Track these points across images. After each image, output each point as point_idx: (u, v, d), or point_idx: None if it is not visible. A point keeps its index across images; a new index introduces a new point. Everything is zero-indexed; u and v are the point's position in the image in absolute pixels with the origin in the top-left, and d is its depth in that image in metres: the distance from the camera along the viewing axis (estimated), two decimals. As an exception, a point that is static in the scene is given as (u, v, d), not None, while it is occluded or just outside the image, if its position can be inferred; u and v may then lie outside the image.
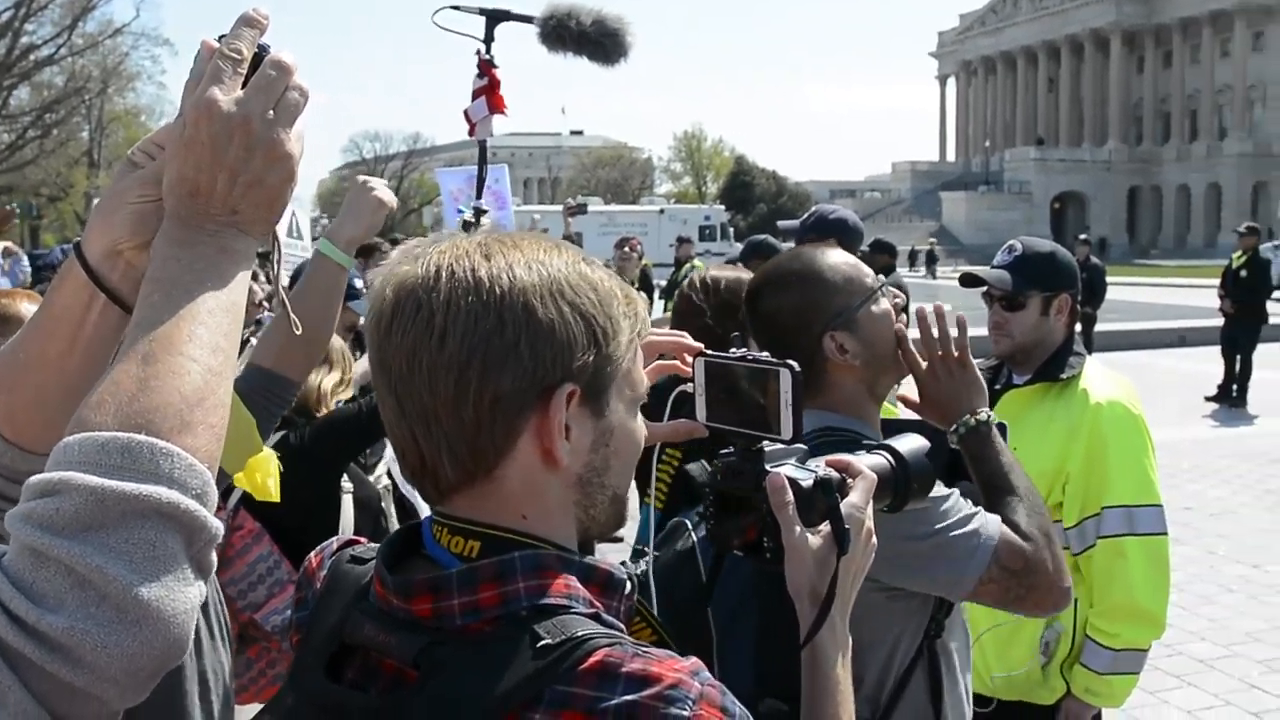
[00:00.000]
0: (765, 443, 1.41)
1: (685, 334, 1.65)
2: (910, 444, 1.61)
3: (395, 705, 1.06)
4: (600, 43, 3.21)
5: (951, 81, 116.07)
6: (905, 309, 2.19)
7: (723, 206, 59.04)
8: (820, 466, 1.41)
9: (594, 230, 39.21)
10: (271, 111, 1.11)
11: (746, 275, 3.10)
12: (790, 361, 1.37)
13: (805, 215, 5.06)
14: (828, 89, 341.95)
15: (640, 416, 1.23)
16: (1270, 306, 15.46)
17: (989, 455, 2.03)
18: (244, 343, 2.95)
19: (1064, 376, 2.99)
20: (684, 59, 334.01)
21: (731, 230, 48.65)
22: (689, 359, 1.56)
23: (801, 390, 1.36)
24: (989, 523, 1.91)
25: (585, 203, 14.52)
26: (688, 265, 14.34)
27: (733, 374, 1.43)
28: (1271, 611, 6.98)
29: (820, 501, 1.35)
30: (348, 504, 3.52)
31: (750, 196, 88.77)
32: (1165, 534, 2.97)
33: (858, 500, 1.38)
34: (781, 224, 5.43)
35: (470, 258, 1.12)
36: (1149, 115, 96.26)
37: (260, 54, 1.14)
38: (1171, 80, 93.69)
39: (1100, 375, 3.07)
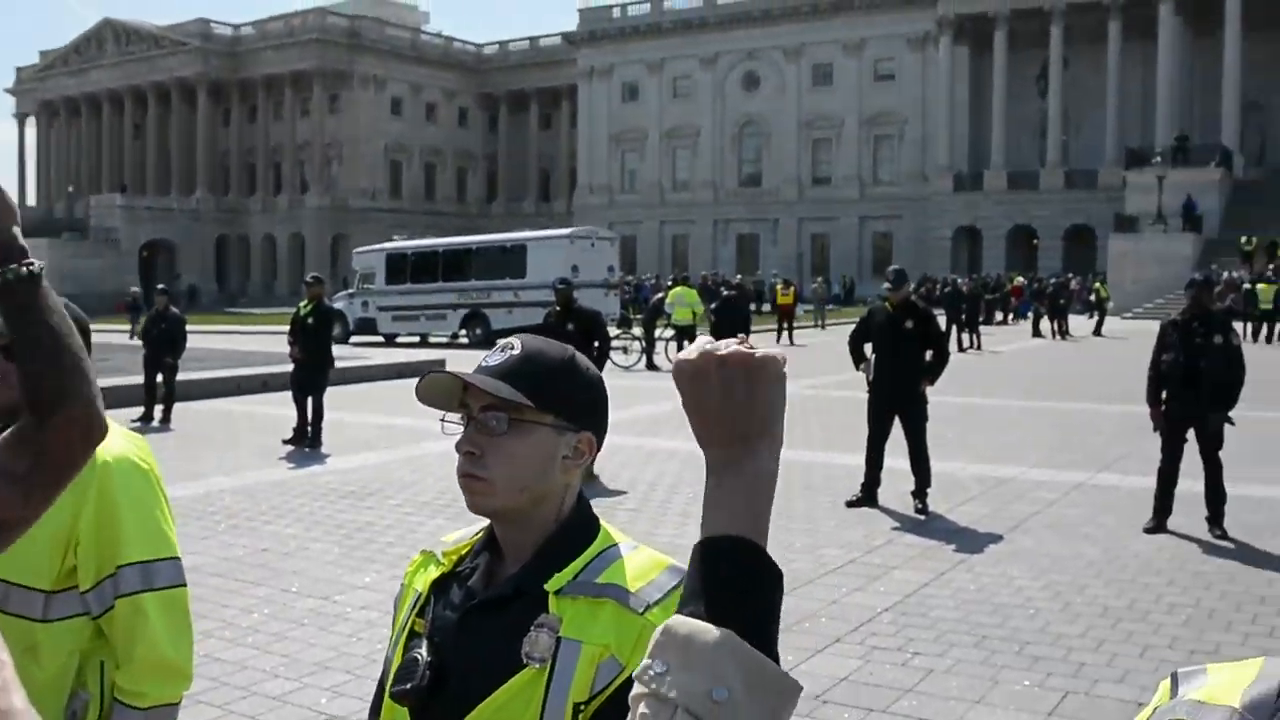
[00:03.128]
0: None
1: None
2: None
3: None
4: None
5: (32, 121, 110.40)
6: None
7: None
8: None
9: None
10: None
11: None
12: None
13: None
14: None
15: None
16: (341, 350, 16.43)
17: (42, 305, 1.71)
18: None
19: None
20: None
21: None
22: None
23: None
24: None
25: None
26: None
27: None
28: (337, 639, 7.33)
29: None
30: None
31: None
32: (184, 585, 3.01)
33: None
34: None
35: None
36: (236, 167, 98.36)
37: None
38: (257, 134, 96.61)
39: (110, 432, 3.04)
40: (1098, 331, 40.72)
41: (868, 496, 11.15)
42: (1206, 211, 55.64)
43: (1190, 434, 10.06)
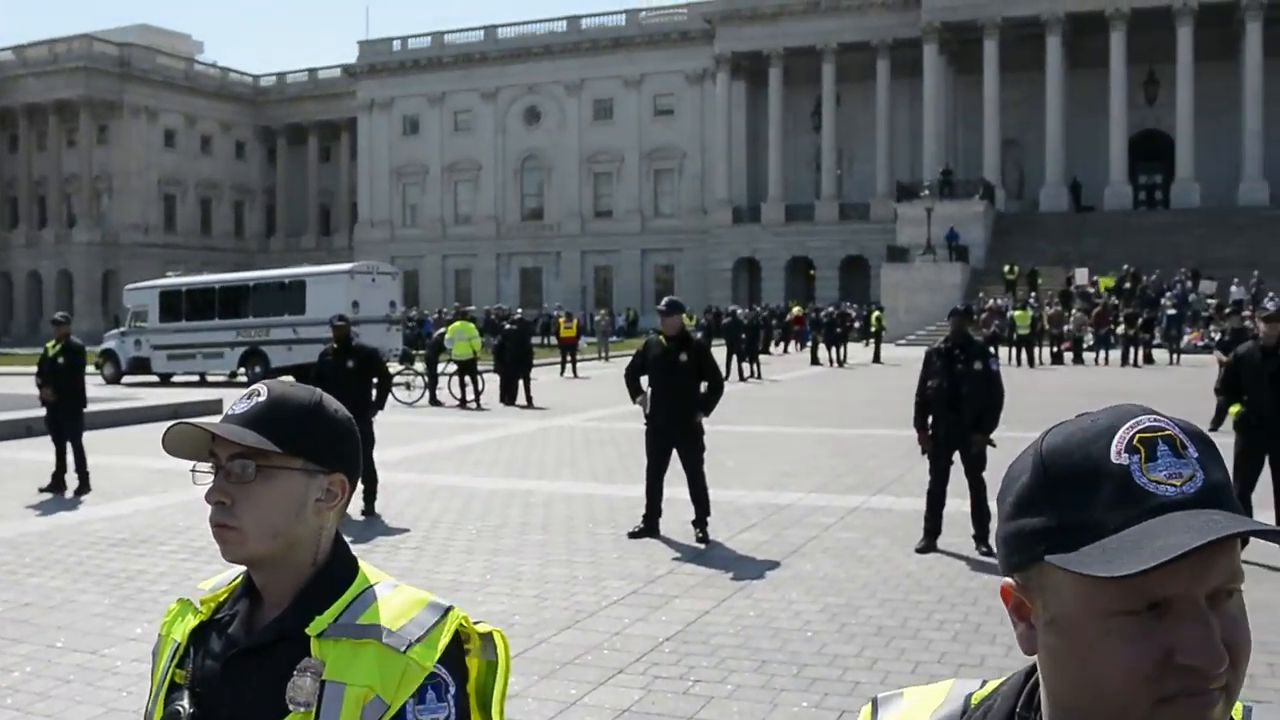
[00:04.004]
0: None
1: None
2: None
3: None
4: None
5: None
6: None
7: None
8: None
9: None
10: None
11: None
12: None
13: None
14: None
15: None
16: (112, 391, 15.81)
17: None
18: None
19: None
20: None
21: None
22: None
23: None
24: None
25: None
26: None
27: None
28: (107, 695, 7.03)
29: None
30: None
31: None
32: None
33: None
34: None
35: None
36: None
37: None
38: (19, 165, 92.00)
39: None
40: (877, 358, 42.10)
41: (649, 527, 11.27)
42: (972, 242, 58.22)
43: (956, 456, 10.49)
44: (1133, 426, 1.10)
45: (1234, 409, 10.51)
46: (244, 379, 36.00)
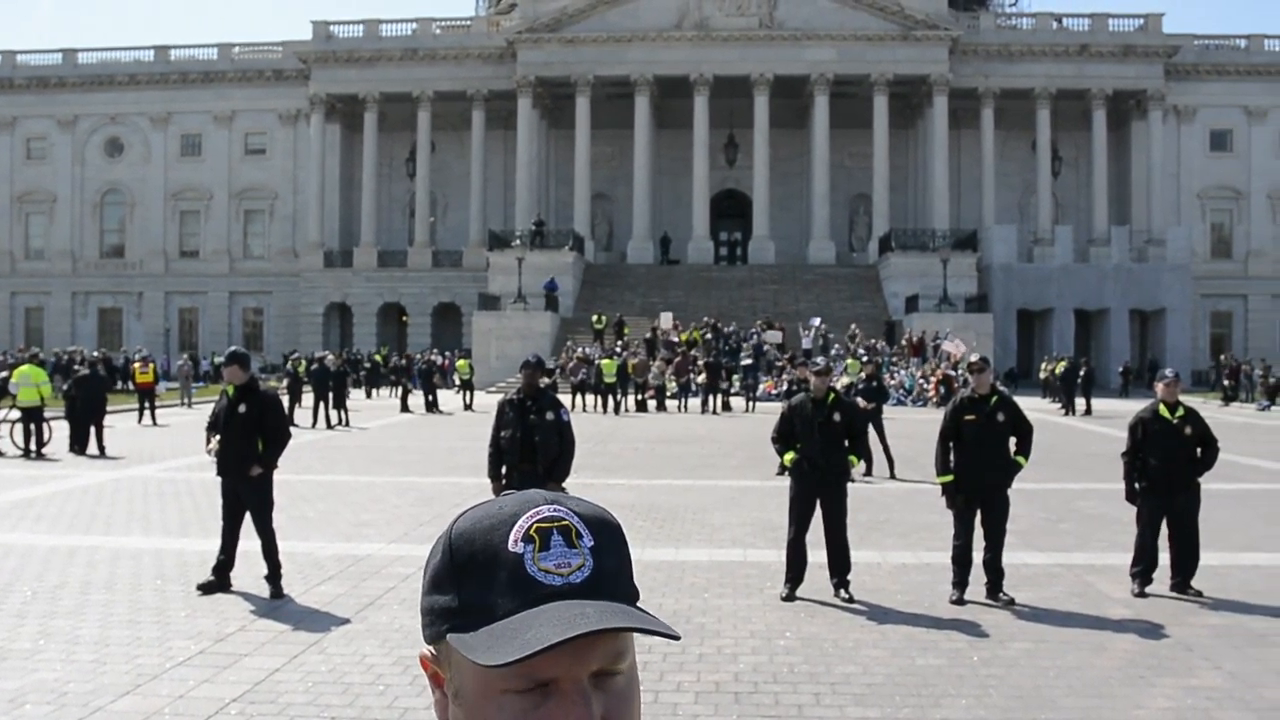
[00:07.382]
0: None
1: None
2: None
3: None
4: None
5: None
6: None
7: None
8: None
9: None
10: None
11: None
12: None
13: None
14: None
15: None
16: None
17: None
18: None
19: None
20: None
21: None
22: None
23: None
24: None
25: None
26: None
27: None
28: None
29: None
30: None
31: None
32: None
33: None
34: None
35: None
36: None
37: None
38: None
39: None
40: (468, 406, 42.33)
41: (220, 580, 10.91)
42: (562, 292, 59.65)
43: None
44: (532, 516, 1.21)
45: (788, 456, 11.25)
46: None
